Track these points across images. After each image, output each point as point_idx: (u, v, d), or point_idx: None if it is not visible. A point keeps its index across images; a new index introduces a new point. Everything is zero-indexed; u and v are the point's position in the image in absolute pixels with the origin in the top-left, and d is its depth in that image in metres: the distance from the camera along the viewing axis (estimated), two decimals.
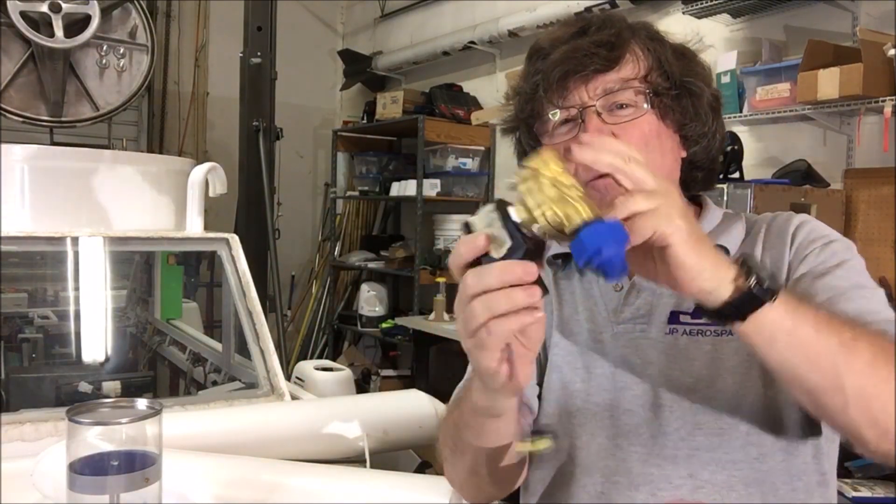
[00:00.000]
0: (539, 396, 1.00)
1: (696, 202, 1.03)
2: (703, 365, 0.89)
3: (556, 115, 0.93)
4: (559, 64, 0.91)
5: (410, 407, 1.63)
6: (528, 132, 0.99)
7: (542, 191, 0.68)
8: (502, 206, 0.69)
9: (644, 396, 0.91)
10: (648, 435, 0.90)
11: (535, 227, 0.67)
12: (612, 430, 0.92)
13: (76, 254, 1.77)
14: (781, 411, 0.87)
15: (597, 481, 0.92)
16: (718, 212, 1.01)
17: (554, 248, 1.01)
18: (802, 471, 0.88)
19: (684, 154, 0.97)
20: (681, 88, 0.93)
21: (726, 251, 0.93)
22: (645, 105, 0.91)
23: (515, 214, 0.68)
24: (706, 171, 1.00)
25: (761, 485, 0.86)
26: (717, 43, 3.23)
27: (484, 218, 0.69)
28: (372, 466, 1.51)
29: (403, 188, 4.63)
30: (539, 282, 0.67)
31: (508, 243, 0.67)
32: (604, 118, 0.90)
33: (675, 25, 3.34)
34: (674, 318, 0.93)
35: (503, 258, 0.67)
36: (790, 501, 0.87)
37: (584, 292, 1.01)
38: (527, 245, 0.67)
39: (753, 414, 0.87)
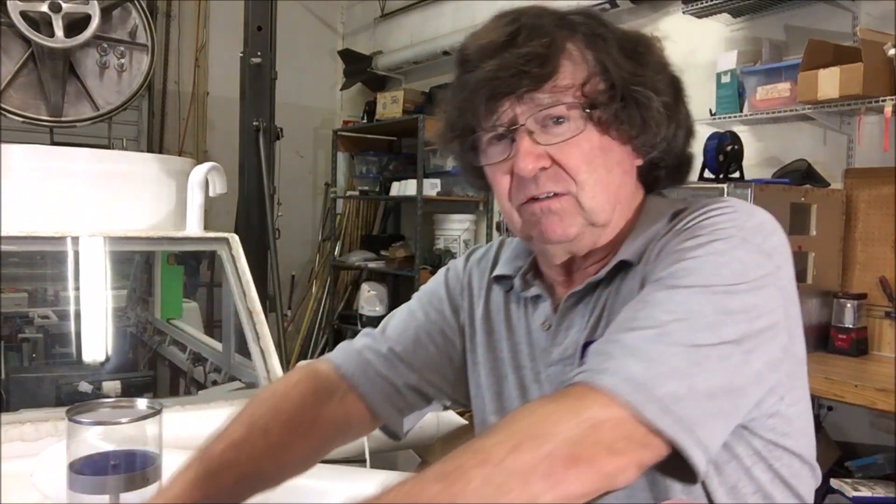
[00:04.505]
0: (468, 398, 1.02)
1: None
2: None
3: (485, 136, 0.86)
4: (485, 84, 0.82)
5: None
6: (463, 149, 0.91)
7: None
8: None
9: None
10: None
11: None
12: None
13: (76, 254, 1.77)
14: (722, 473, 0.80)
15: None
16: (658, 209, 0.90)
17: (500, 268, 0.99)
18: None
19: (640, 161, 0.89)
20: (626, 99, 0.84)
21: (629, 265, 0.86)
22: (582, 121, 0.83)
23: None
24: (672, 167, 0.92)
25: None
26: (717, 43, 3.23)
27: None
28: (372, 466, 1.51)
29: (403, 188, 4.63)
30: None
31: None
32: (537, 138, 0.83)
33: (676, 25, 3.36)
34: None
35: None
36: None
37: (516, 322, 0.97)
38: None
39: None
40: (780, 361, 0.76)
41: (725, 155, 2.67)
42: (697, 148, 2.67)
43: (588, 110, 0.83)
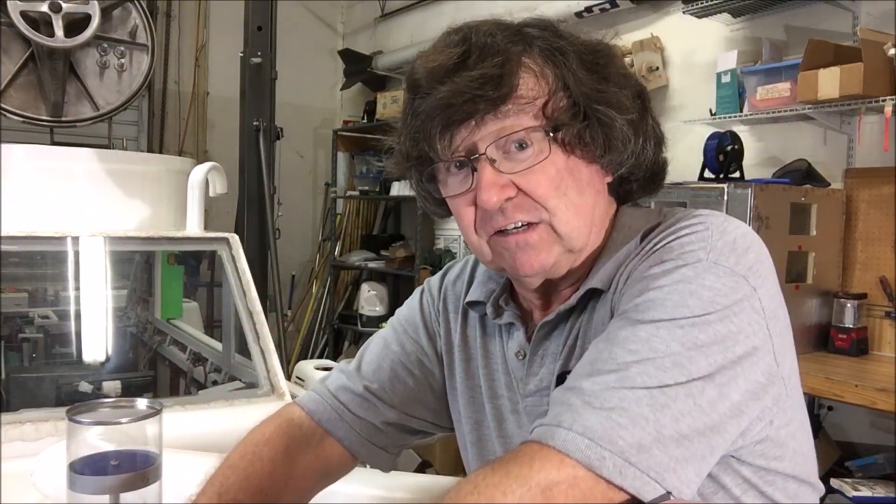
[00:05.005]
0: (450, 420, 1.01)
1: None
2: None
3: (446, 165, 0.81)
4: (439, 111, 0.76)
5: None
6: (421, 178, 0.86)
7: None
8: None
9: None
10: None
11: None
12: None
13: (76, 254, 1.77)
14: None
15: None
16: (630, 224, 0.85)
17: (472, 293, 0.95)
18: None
19: (610, 178, 0.85)
20: (589, 118, 0.78)
21: (600, 292, 0.81)
22: (546, 144, 0.77)
23: None
24: (644, 178, 0.87)
25: None
26: (717, 43, 3.23)
27: None
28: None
29: (404, 188, 4.60)
30: None
31: None
32: (499, 166, 0.77)
33: (676, 25, 3.35)
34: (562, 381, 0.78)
35: None
36: None
37: (493, 349, 0.93)
38: None
39: None
40: (764, 387, 0.71)
41: (725, 155, 2.67)
42: (697, 148, 2.69)
43: (551, 133, 0.77)
